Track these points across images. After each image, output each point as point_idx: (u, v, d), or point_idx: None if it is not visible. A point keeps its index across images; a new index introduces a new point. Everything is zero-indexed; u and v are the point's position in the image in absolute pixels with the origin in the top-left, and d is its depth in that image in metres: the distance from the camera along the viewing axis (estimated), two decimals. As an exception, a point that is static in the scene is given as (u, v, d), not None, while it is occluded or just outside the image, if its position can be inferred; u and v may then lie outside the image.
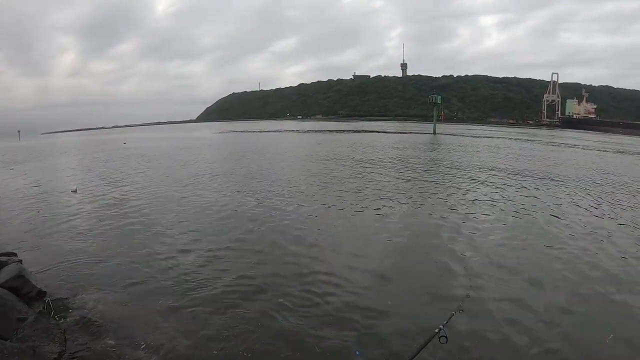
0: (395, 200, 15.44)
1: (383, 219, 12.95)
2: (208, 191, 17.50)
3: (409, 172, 22.84)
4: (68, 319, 6.55)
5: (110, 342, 5.97)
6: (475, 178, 20.55)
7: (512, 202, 15.20)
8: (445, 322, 4.25)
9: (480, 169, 24.05)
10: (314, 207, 14.45)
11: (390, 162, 27.07)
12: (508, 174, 22.18)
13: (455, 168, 24.24)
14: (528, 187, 18.16)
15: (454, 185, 18.53)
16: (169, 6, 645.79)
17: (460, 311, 4.84)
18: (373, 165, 25.32)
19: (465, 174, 21.75)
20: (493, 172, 22.54)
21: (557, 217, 13.20)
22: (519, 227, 12.07)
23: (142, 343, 5.98)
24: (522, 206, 14.61)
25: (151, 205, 14.87)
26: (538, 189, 17.76)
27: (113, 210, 14.15)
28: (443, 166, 25.32)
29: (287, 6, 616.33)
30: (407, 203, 15.03)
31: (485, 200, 15.57)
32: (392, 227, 12.09)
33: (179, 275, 8.43)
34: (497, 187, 18.01)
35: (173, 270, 8.69)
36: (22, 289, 7.16)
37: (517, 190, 17.56)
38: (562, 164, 28.35)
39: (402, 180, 19.88)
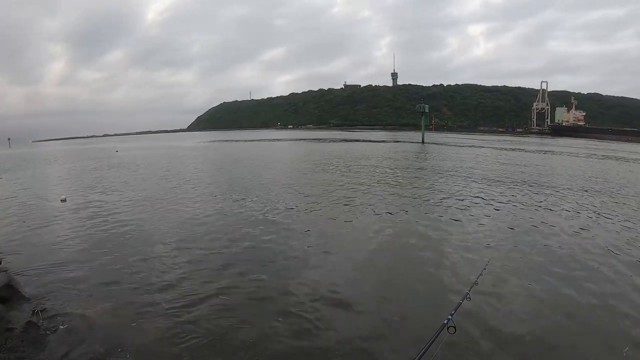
0: (383, 208, 15.48)
1: (372, 226, 12.98)
2: (196, 200, 17.50)
3: (397, 181, 22.96)
4: (56, 328, 6.51)
5: (99, 349, 5.93)
6: (462, 188, 20.66)
7: (501, 209, 15.31)
8: (452, 312, 4.26)
9: (467, 178, 24.17)
10: (306, 217, 14.46)
11: (378, 172, 27.11)
12: (495, 183, 22.30)
13: (443, 177, 24.35)
14: (516, 194, 18.31)
15: (441, 194, 18.59)
16: (158, 15, 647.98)
17: (468, 299, 4.90)
18: (361, 175, 25.38)
19: (452, 185, 21.86)
20: (480, 182, 22.67)
21: (546, 222, 13.33)
22: (509, 231, 12.15)
23: (131, 349, 5.97)
24: (512, 213, 14.73)
25: (140, 214, 14.81)
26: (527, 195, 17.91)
27: (101, 219, 14.05)
28: (430, 176, 25.42)
29: (276, 15, 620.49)
30: (396, 212, 15.05)
31: (476, 206, 15.64)
32: (382, 234, 12.13)
33: (166, 282, 8.41)
34: (484, 196, 18.13)
35: (161, 278, 8.65)
36: (11, 298, 7.12)
37: (505, 196, 17.69)
38: (552, 171, 28.55)
39: (390, 190, 19.93)
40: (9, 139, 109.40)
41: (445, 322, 4.08)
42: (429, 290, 8.15)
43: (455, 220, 13.61)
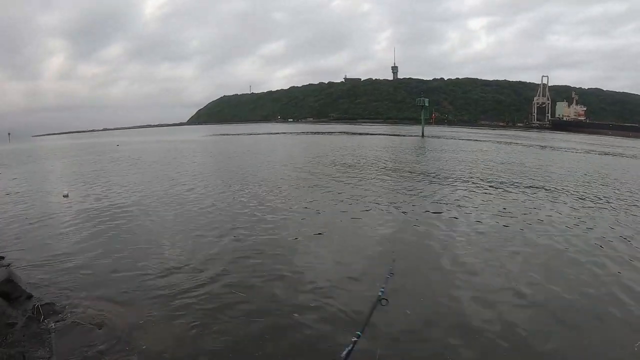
0: (374, 202, 15.47)
1: (364, 219, 12.99)
2: (198, 194, 17.46)
3: (395, 173, 22.93)
4: (58, 324, 6.50)
5: (100, 347, 5.91)
6: (454, 180, 20.66)
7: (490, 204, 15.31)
8: (383, 287, 4.55)
9: (462, 171, 24.17)
10: (304, 211, 14.42)
11: (375, 165, 27.11)
12: (488, 177, 22.30)
13: (438, 171, 24.34)
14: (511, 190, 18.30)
15: (433, 187, 18.59)
16: (157, 9, 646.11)
17: (391, 274, 5.15)
18: (358, 168, 25.34)
19: (446, 177, 21.85)
20: (473, 174, 22.67)
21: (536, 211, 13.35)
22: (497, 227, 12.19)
23: (133, 347, 5.92)
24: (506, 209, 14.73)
25: (142, 209, 14.76)
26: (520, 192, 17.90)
27: (104, 214, 14.02)
28: (427, 168, 25.40)
29: (274, 9, 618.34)
30: (391, 206, 15.07)
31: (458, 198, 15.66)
32: (370, 227, 12.16)
33: (170, 278, 8.36)
34: (476, 189, 18.13)
35: (164, 274, 8.60)
36: (11, 293, 7.11)
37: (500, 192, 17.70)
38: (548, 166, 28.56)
39: (386, 182, 19.93)
40: (9, 134, 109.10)
41: (380, 294, 4.41)
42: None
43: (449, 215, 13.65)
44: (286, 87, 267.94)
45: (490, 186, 18.91)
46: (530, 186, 19.10)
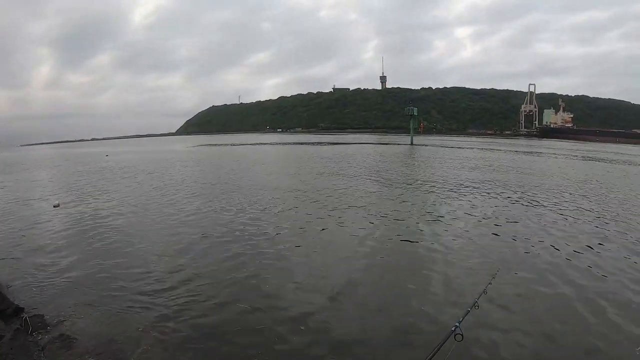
0: (374, 212, 15.47)
1: (357, 232, 12.91)
2: (188, 203, 17.37)
3: (385, 181, 22.98)
4: (46, 336, 6.39)
5: (89, 359, 5.83)
6: (446, 188, 20.73)
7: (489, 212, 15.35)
8: (460, 320, 4.24)
9: (451, 178, 24.28)
10: (294, 224, 14.39)
11: (367, 172, 27.18)
12: (480, 187, 22.41)
13: (429, 181, 24.44)
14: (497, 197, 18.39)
15: (425, 195, 18.65)
16: (144, 18, 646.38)
17: (476, 307, 4.87)
18: (346, 178, 25.38)
19: (436, 185, 21.93)
20: (466, 186, 22.76)
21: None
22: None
23: (123, 358, 5.86)
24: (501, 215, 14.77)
25: (132, 221, 14.59)
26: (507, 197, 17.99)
27: (94, 225, 13.85)
28: (417, 176, 25.50)
29: (263, 19, 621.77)
30: (386, 216, 15.06)
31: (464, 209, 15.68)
32: (376, 239, 12.09)
33: (159, 291, 8.26)
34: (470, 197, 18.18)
35: (154, 287, 8.49)
36: (-1, 305, 7.00)
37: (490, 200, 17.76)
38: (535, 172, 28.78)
39: (377, 190, 19.96)
40: None
41: (453, 329, 4.09)
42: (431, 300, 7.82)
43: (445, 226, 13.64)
44: (275, 97, 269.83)
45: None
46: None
